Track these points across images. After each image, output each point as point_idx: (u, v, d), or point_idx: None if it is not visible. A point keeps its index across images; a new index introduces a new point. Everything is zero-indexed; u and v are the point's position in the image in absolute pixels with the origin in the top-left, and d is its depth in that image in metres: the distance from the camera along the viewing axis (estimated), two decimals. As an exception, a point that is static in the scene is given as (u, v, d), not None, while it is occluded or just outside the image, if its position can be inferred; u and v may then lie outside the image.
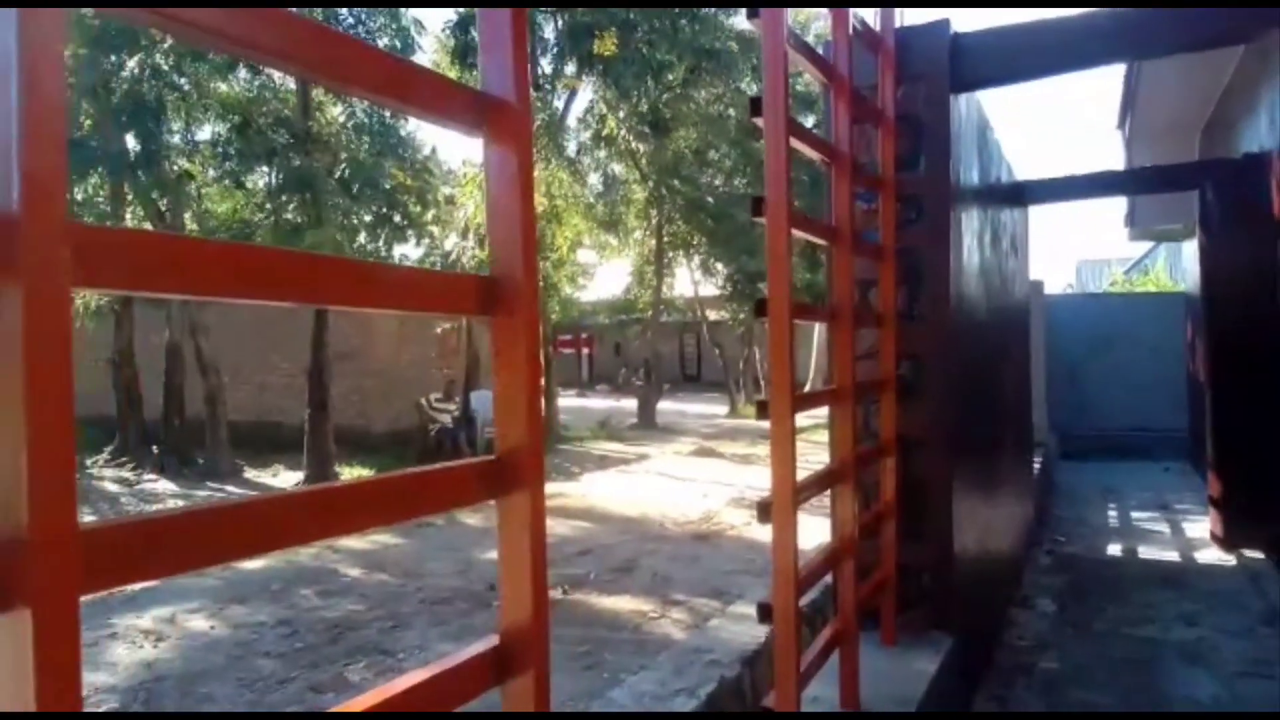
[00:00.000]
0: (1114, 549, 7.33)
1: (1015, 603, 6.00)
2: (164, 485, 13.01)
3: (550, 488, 11.63)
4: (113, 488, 12.51)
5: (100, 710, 4.32)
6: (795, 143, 2.65)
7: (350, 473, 13.27)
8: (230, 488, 12.81)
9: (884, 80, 3.75)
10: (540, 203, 14.96)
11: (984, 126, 5.07)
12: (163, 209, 13.97)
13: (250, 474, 13.78)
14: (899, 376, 4.11)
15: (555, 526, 8.76)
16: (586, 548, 7.68)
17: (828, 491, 3.17)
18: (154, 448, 15.14)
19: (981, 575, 4.88)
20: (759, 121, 2.52)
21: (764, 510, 2.59)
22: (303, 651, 5.15)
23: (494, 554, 5.31)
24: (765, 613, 2.63)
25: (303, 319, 13.88)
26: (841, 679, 3.30)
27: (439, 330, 16.67)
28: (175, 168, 13.72)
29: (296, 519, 0.99)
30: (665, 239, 20.82)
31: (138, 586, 7.00)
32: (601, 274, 25.80)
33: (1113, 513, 8.88)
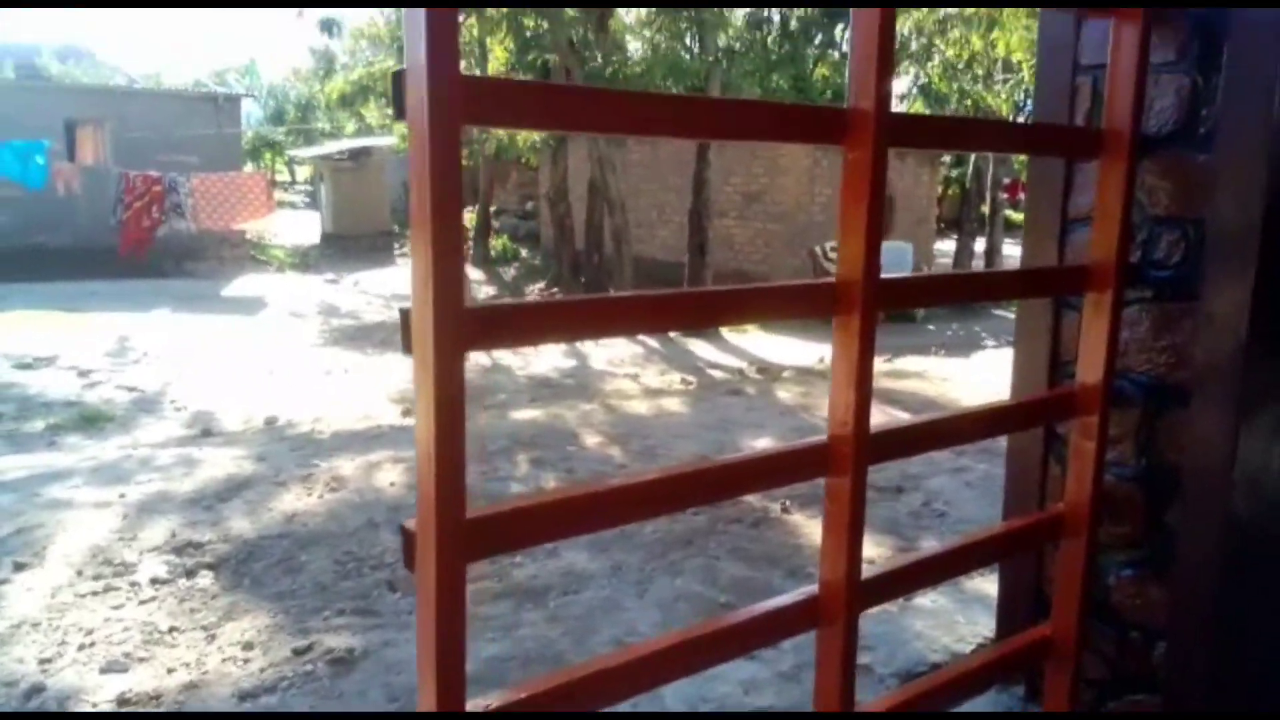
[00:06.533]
0: None
1: None
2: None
3: (918, 362, 9.77)
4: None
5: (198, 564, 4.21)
6: None
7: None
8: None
9: None
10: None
11: None
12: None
13: (649, 313, 13.82)
14: (1138, 261, 2.13)
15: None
16: (877, 451, 6.02)
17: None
18: (581, 279, 16.05)
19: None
20: None
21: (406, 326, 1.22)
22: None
23: (760, 440, 4.17)
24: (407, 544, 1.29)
25: (717, 161, 13.13)
26: None
27: (859, 170, 14.86)
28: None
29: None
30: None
31: (383, 423, 7.11)
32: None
33: None
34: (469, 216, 24.89)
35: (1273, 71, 1.78)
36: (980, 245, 17.33)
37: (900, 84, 13.34)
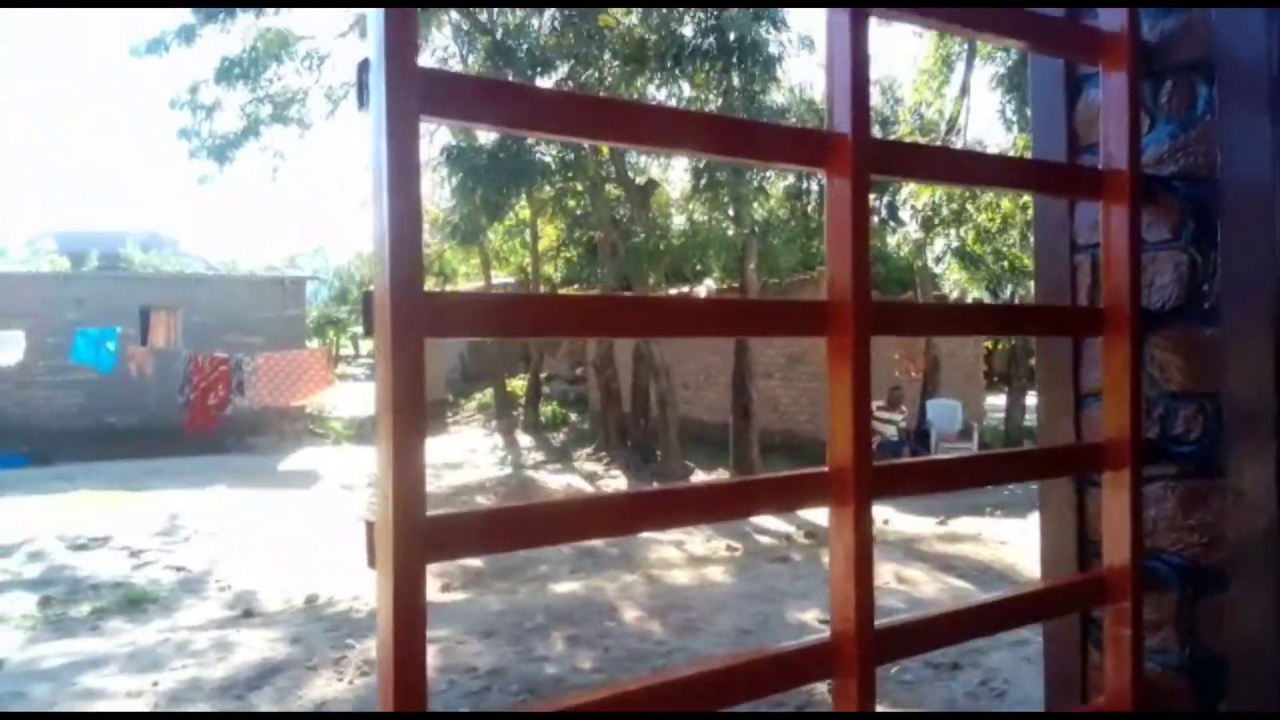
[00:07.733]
0: None
1: None
2: (620, 482, 13.54)
3: (973, 524, 9.45)
4: (556, 481, 13.34)
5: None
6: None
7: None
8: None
9: None
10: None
11: None
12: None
13: (697, 476, 13.72)
14: (1156, 437, 2.09)
15: (922, 585, 6.83)
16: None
17: None
18: (628, 443, 16.06)
19: None
20: None
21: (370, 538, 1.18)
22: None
23: (805, 614, 4.02)
24: None
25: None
26: None
27: (903, 330, 14.96)
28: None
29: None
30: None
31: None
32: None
33: None
34: (519, 384, 25.42)
35: (1268, 247, 1.78)
36: (1032, 399, 17.08)
37: (936, 246, 13.53)
